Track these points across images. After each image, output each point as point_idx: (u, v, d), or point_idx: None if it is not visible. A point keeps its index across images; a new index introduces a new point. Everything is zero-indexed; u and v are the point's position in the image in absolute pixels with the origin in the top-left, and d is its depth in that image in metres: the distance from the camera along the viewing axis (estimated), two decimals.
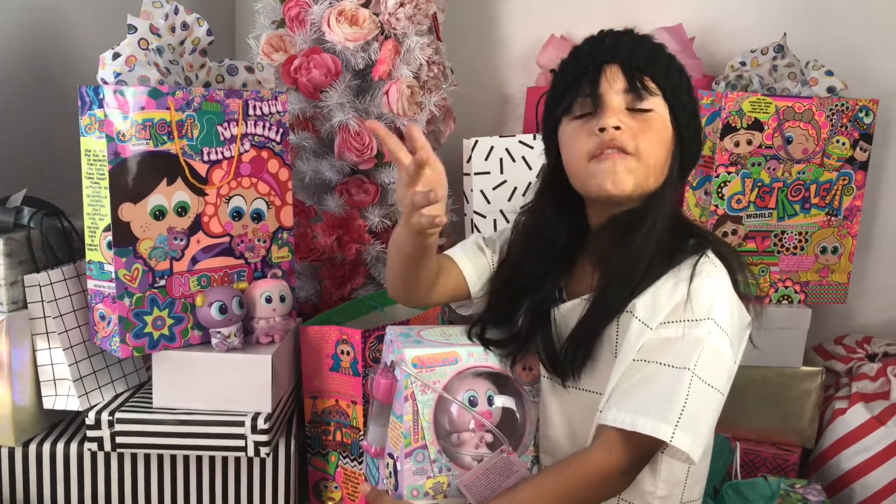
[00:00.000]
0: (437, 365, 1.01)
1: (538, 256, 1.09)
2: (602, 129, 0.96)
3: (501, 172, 1.73)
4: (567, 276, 1.10)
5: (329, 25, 1.59)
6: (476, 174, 1.74)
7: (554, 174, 1.08)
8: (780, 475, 1.69)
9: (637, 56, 0.98)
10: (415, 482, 0.98)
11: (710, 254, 0.99)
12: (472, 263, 1.18)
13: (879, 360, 1.79)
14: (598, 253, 1.04)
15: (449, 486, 0.99)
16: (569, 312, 1.04)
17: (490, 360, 1.05)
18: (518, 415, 1.05)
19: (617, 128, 0.95)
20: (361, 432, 1.35)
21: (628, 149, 0.96)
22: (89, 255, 1.27)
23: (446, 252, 1.20)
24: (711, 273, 0.96)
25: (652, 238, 0.98)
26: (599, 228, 1.05)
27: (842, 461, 1.67)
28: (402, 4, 1.60)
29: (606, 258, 1.01)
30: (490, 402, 1.02)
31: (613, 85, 0.97)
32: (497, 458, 0.99)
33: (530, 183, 1.56)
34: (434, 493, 0.99)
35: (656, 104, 0.98)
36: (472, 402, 1.01)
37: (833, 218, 1.68)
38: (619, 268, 0.98)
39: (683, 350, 0.91)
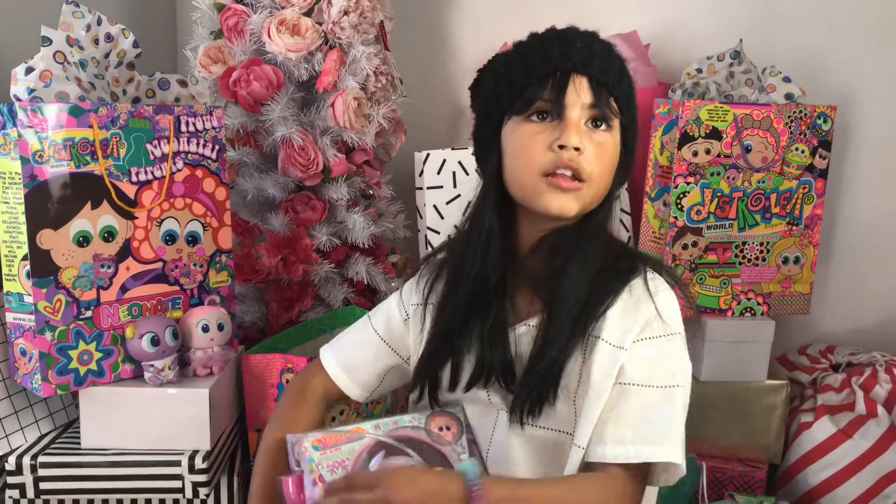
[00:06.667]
0: (341, 444, 0.92)
1: (490, 271, 0.96)
2: (561, 147, 0.89)
3: (455, 186, 1.67)
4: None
5: (269, 35, 1.51)
6: (429, 188, 1.68)
7: (497, 177, 0.97)
8: (747, 492, 1.65)
9: (607, 72, 0.91)
10: None
11: (652, 272, 0.96)
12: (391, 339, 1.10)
13: (843, 369, 1.76)
14: (532, 276, 0.96)
15: None
16: (519, 338, 0.97)
17: (400, 428, 0.98)
18: None
19: (576, 149, 0.89)
20: None
21: (583, 175, 0.90)
22: (7, 286, 1.17)
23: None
24: (667, 288, 0.95)
25: (596, 258, 0.93)
26: (533, 248, 0.97)
27: (809, 476, 1.64)
28: (346, 13, 1.52)
29: (550, 280, 0.94)
30: None
31: (580, 98, 0.90)
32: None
33: None
34: None
35: (614, 125, 0.93)
36: None
37: (794, 227, 1.64)
38: (570, 293, 0.92)
39: (665, 367, 0.90)
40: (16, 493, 1.18)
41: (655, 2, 1.89)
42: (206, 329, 1.26)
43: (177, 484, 1.20)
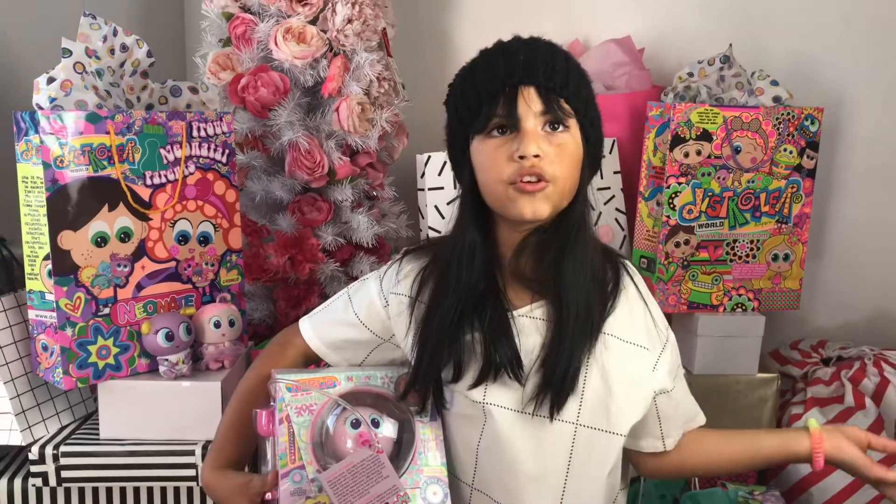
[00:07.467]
0: (312, 390, 0.98)
1: (478, 279, 1.01)
2: (522, 157, 0.94)
3: (455, 187, 1.71)
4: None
5: (276, 43, 1.57)
6: (430, 189, 1.73)
7: (473, 190, 1.02)
8: (739, 483, 1.70)
9: (553, 77, 0.95)
10: (293, 502, 0.94)
11: (631, 267, 1.09)
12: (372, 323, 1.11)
13: (833, 363, 1.81)
14: (521, 275, 1.02)
15: None
16: (522, 329, 1.02)
17: (371, 382, 1.03)
18: (406, 435, 1.02)
19: (536, 155, 0.94)
20: None
21: (546, 176, 0.94)
22: (30, 285, 1.24)
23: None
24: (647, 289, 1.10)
25: (587, 256, 1.00)
26: (517, 250, 1.02)
27: (799, 466, 1.68)
28: (350, 21, 1.58)
29: (548, 279, 1.00)
30: (375, 424, 1.00)
31: (531, 108, 0.95)
32: (366, 456, 0.95)
33: None
34: None
35: (570, 125, 0.97)
36: (355, 425, 0.98)
37: (783, 225, 1.69)
38: (574, 293, 0.98)
39: (678, 360, 1.12)
40: (38, 481, 1.24)
41: (650, 8, 1.94)
42: (217, 325, 1.32)
43: (190, 472, 1.26)
